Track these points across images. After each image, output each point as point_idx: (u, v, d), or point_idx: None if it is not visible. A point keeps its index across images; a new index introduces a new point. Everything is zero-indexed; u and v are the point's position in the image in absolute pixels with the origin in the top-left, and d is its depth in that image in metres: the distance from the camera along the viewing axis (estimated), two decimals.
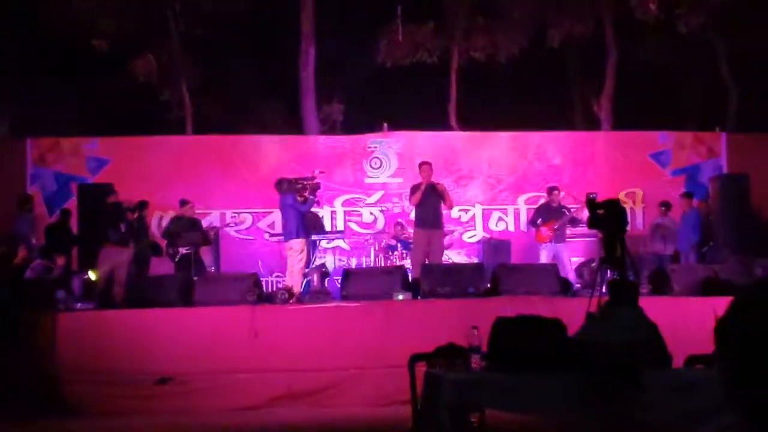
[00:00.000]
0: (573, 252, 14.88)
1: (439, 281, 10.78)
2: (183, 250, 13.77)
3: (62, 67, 19.50)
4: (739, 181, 15.03)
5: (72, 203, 15.18)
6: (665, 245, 15.16)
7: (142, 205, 14.40)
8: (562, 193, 14.49)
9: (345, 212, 16.52)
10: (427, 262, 12.42)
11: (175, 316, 10.31)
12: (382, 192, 16.57)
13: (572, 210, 14.12)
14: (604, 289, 6.80)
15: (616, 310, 5.40)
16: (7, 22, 18.52)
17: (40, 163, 16.17)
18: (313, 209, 13.49)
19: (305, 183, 12.78)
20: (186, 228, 14.02)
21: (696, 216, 15.01)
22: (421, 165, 13.16)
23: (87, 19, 18.04)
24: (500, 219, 16.69)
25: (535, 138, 17.17)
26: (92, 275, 12.50)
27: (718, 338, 4.32)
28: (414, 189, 12.93)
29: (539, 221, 14.16)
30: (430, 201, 12.82)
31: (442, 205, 13.00)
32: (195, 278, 12.07)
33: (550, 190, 14.47)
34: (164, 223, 15.37)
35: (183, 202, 14.54)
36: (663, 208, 15.50)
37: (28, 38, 18.69)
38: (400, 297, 10.43)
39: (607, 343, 4.91)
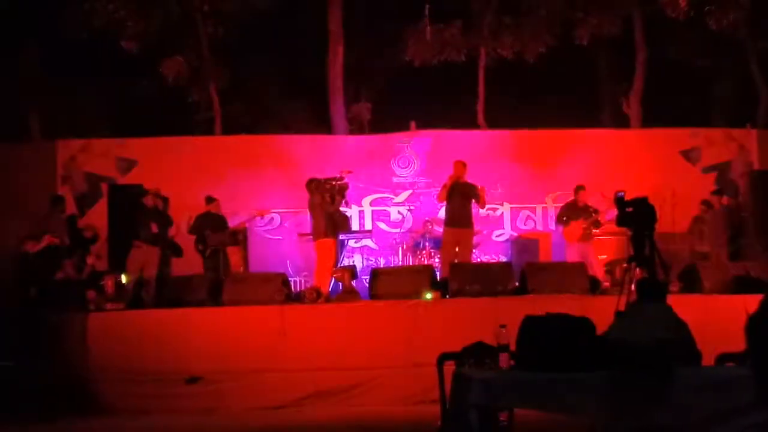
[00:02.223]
0: (602, 250, 14.79)
1: (467, 280, 10.75)
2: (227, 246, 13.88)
3: (92, 68, 19.61)
4: None
5: (102, 204, 15.33)
6: (702, 242, 15.02)
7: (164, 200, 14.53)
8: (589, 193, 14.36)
9: (373, 211, 16.54)
10: (456, 261, 12.40)
11: (205, 315, 10.37)
12: (410, 191, 16.56)
13: (598, 210, 14.03)
14: (633, 287, 6.76)
15: (645, 308, 5.36)
16: (37, 24, 18.65)
17: (71, 164, 16.29)
18: (341, 209, 13.50)
19: (334, 183, 12.79)
20: (212, 225, 14.08)
21: (728, 213, 14.89)
22: (454, 163, 13.14)
23: (116, 20, 18.15)
24: (528, 218, 16.64)
25: (563, 136, 17.10)
26: (124, 278, 12.58)
27: (749, 335, 4.30)
28: (444, 186, 12.94)
29: (565, 219, 14.09)
30: (460, 199, 12.80)
31: (473, 204, 12.99)
32: (224, 278, 12.12)
33: (577, 189, 14.38)
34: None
35: (209, 199, 14.59)
36: (704, 207, 15.32)
37: (58, 40, 18.81)
38: (429, 296, 10.42)
39: (636, 342, 4.88)
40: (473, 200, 13.11)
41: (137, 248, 13.09)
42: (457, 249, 12.89)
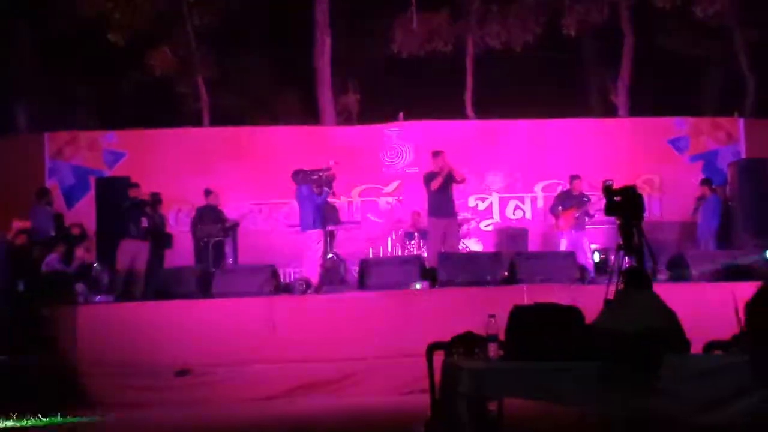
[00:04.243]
0: (593, 239, 14.81)
1: (456, 270, 10.76)
2: (216, 239, 13.88)
3: (79, 61, 19.55)
4: (757, 166, 14.96)
5: (90, 196, 15.31)
6: (711, 220, 14.92)
7: (155, 197, 14.55)
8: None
9: (362, 202, 16.53)
10: (443, 250, 12.38)
11: (194, 307, 10.36)
12: (399, 181, 16.56)
13: (592, 199, 14.06)
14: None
15: (632, 296, 5.38)
16: (23, 17, 18.58)
17: (58, 156, 16.25)
18: (329, 200, 13.49)
19: (321, 174, 12.78)
20: (209, 217, 14.09)
21: (716, 202, 14.93)
22: (438, 153, 13.03)
23: (103, 12, 18.09)
24: (517, 207, 16.67)
25: (551, 125, 17.11)
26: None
27: (749, 318, 4.33)
28: (432, 176, 12.82)
29: (560, 209, 14.13)
30: (446, 190, 12.76)
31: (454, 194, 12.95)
32: (213, 270, 12.11)
33: (572, 178, 14.41)
34: (181, 215, 15.46)
35: (207, 192, 14.61)
36: (705, 187, 15.25)
37: (45, 33, 18.74)
38: (418, 286, 10.44)
39: (624, 331, 4.89)
40: (454, 185, 13.01)
41: (127, 241, 13.09)
42: (444, 239, 12.81)
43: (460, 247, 13.64)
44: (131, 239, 13.11)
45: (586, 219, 14.14)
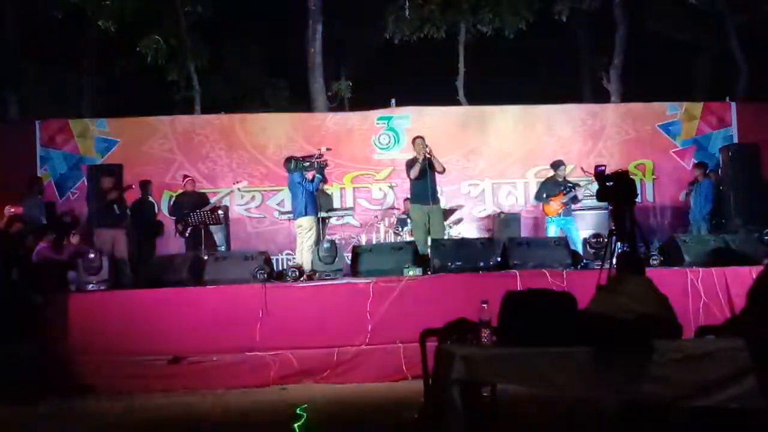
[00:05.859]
0: (584, 225, 14.82)
1: (449, 256, 10.75)
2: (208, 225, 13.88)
3: (69, 48, 19.47)
4: (749, 151, 14.97)
5: (82, 184, 15.31)
6: (704, 204, 14.94)
7: (144, 185, 14.55)
8: (570, 167, 14.42)
9: (354, 189, 16.51)
10: (429, 237, 12.30)
11: (187, 295, 10.33)
12: (391, 168, 16.53)
13: (579, 185, 14.10)
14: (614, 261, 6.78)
15: (625, 282, 5.37)
16: (13, 5, 18.50)
17: (50, 145, 16.20)
18: (321, 186, 13.46)
19: (313, 161, 12.75)
20: (192, 203, 14.08)
21: (709, 186, 14.95)
22: (415, 139, 12.98)
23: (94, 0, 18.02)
24: (510, 193, 16.66)
25: (543, 111, 17.11)
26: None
27: (751, 300, 4.35)
28: (412, 162, 12.76)
29: (545, 195, 14.17)
30: (428, 175, 12.65)
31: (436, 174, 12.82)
32: (205, 257, 12.08)
33: (555, 165, 14.45)
34: (172, 203, 15.45)
35: (185, 178, 14.65)
36: (699, 171, 15.26)
37: (35, 20, 18.66)
38: (411, 273, 10.42)
39: (617, 316, 4.89)
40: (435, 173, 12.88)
41: (101, 230, 13.12)
42: (428, 226, 12.61)
43: (449, 234, 13.59)
44: (106, 228, 13.15)
45: (572, 205, 14.20)
